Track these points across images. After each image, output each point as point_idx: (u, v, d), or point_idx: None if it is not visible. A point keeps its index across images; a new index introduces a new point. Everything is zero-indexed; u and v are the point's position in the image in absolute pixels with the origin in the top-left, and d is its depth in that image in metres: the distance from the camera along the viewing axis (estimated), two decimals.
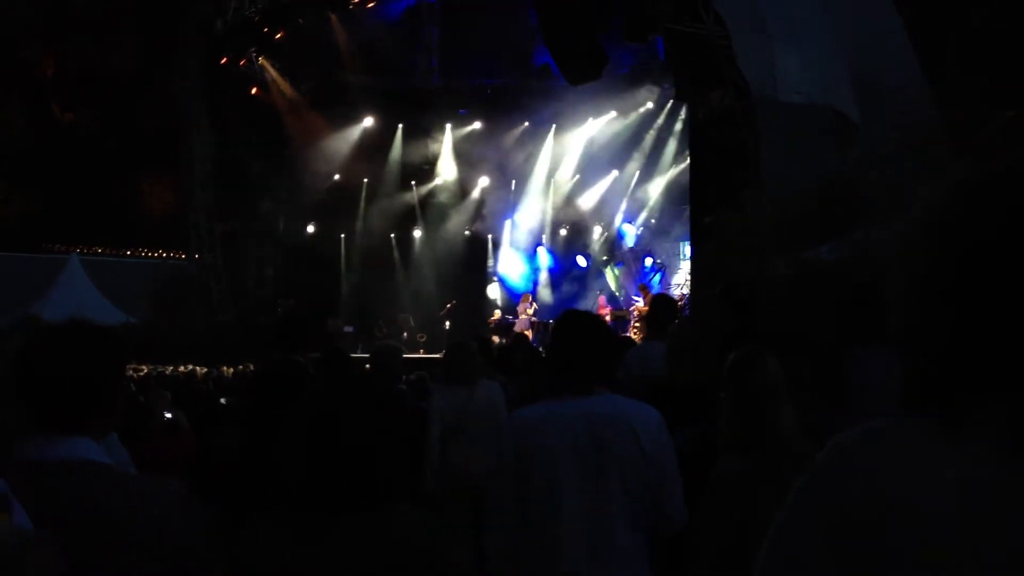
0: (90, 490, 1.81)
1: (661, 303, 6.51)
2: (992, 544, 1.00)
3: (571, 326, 3.39)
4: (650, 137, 22.63)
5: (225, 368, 14.72)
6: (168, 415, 6.58)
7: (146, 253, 25.75)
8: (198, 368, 14.57)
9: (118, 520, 1.79)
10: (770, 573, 1.20)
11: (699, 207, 13.80)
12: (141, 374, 12.63)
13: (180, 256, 23.77)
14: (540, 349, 10.33)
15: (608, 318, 18.30)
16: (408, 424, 5.61)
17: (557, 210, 24.93)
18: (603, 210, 24.48)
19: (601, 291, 22.29)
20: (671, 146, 21.98)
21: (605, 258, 24.30)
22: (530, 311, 20.49)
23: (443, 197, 25.71)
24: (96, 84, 25.14)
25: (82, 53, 24.91)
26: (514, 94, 23.26)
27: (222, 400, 8.79)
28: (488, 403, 5.69)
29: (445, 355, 6.15)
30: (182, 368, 14.58)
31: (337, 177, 24.37)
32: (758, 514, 2.89)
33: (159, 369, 14.25)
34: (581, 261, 24.55)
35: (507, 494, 3.15)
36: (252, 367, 14.18)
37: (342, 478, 2.06)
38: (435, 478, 5.57)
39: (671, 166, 22.10)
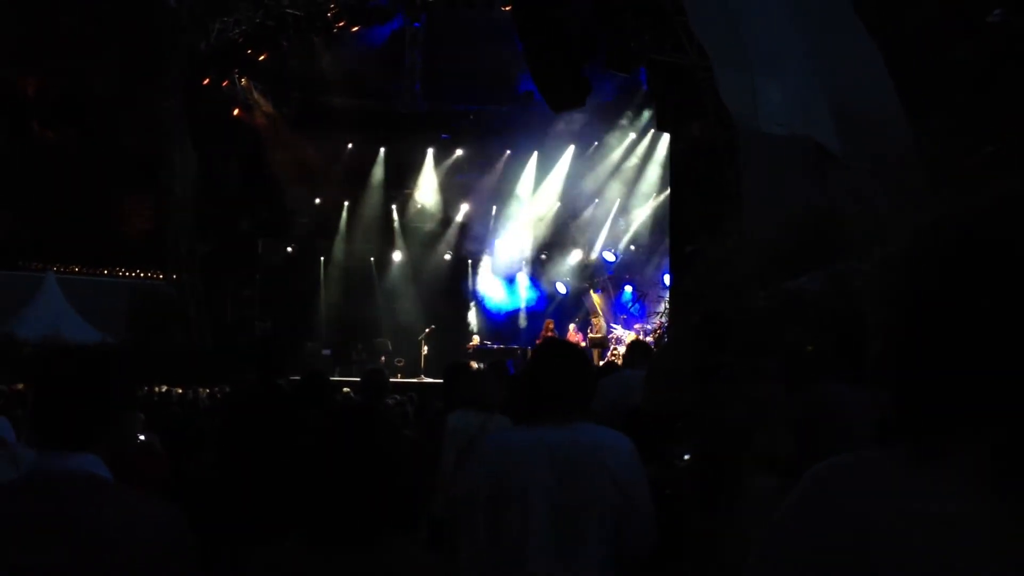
0: (90, 502, 1.92)
1: (637, 348, 6.58)
2: (962, 575, 1.00)
3: (551, 354, 3.39)
4: (632, 165, 22.73)
5: (201, 390, 14.60)
6: (141, 437, 6.50)
7: (123, 273, 25.54)
8: (173, 389, 14.44)
9: (114, 533, 1.88)
10: None
11: (679, 236, 13.86)
12: None
13: (158, 276, 23.60)
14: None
15: (585, 345, 18.33)
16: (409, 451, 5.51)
17: (538, 236, 24.98)
18: (584, 237, 24.56)
19: (578, 319, 22.29)
20: (653, 175, 22.07)
21: (585, 285, 24.33)
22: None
23: (424, 222, 25.76)
24: (77, 103, 25.02)
25: (64, 72, 24.79)
26: (497, 120, 23.38)
27: (197, 423, 8.69)
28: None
29: (463, 378, 6.07)
30: (156, 389, 14.43)
31: (318, 200, 24.39)
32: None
33: (133, 389, 14.10)
34: (560, 288, 24.57)
35: (479, 520, 3.13)
36: (228, 389, 14.08)
37: (348, 510, 2.04)
38: (445, 501, 5.41)
39: (652, 195, 22.20)
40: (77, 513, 1.89)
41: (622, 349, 17.78)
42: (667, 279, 17.63)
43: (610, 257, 23.81)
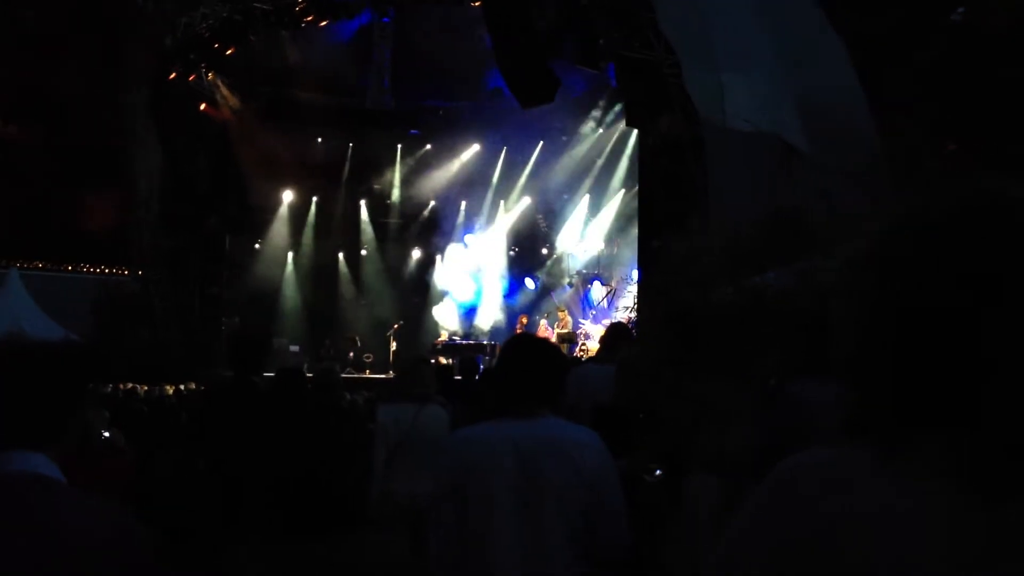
0: (39, 504, 1.85)
1: (617, 330, 6.55)
2: (926, 571, 1.02)
3: (521, 349, 3.38)
4: (601, 161, 22.77)
5: (167, 387, 14.48)
6: (106, 434, 6.43)
7: (88, 269, 25.29)
8: (138, 386, 14.30)
9: (66, 536, 1.81)
10: None
11: (648, 231, 13.91)
12: None
13: (123, 272, 23.37)
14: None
15: (554, 339, 18.33)
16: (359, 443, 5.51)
17: (507, 231, 24.97)
18: (553, 232, 24.58)
19: (548, 314, 22.30)
20: (622, 170, 22.12)
21: (553, 280, 24.34)
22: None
23: (392, 217, 25.67)
24: (41, 97, 24.72)
25: (28, 66, 24.48)
26: (466, 116, 23.33)
27: (162, 421, 8.64)
28: (434, 424, 5.59)
29: (399, 369, 6.08)
30: (122, 386, 14.28)
31: (286, 195, 24.24)
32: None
33: (98, 386, 13.94)
34: (529, 283, 24.56)
35: (447, 515, 3.12)
36: (194, 386, 13.97)
37: (302, 504, 2.04)
38: (377, 499, 5.39)
39: (621, 190, 22.25)
40: (18, 517, 1.82)
41: (591, 344, 17.84)
42: (635, 274, 17.70)
43: (579, 252, 23.83)
